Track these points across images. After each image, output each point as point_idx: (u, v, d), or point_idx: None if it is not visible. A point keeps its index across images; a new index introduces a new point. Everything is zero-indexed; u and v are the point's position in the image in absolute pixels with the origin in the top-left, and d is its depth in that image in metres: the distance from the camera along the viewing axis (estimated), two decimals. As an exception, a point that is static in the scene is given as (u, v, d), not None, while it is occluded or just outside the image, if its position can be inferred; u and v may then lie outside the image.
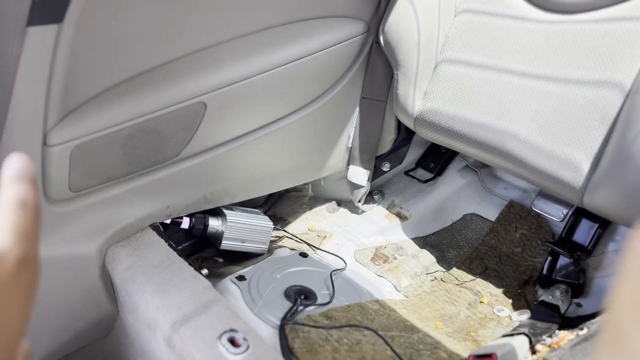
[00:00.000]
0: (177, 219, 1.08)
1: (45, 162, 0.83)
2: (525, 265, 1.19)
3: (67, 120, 0.83)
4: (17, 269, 0.25)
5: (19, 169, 0.27)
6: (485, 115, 1.09)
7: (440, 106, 1.16)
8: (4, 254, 0.25)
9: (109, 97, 0.87)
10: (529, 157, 1.03)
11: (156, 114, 0.91)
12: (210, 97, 0.98)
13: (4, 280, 0.24)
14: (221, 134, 1.06)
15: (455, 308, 1.09)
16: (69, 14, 0.74)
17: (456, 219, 1.34)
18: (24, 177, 0.27)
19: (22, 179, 0.27)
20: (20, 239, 0.25)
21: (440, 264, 1.25)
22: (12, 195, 0.26)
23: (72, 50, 0.77)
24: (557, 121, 1.00)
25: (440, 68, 1.18)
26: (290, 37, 1.07)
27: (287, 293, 0.99)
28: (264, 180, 1.21)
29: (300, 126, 1.18)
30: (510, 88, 1.07)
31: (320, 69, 1.15)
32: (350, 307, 0.97)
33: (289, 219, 1.35)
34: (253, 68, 1.03)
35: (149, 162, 0.96)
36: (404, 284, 1.17)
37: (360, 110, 1.29)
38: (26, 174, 0.27)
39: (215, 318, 0.82)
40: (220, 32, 0.97)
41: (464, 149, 1.15)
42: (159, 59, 0.91)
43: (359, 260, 1.22)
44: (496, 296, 1.14)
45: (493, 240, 1.25)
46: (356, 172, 1.34)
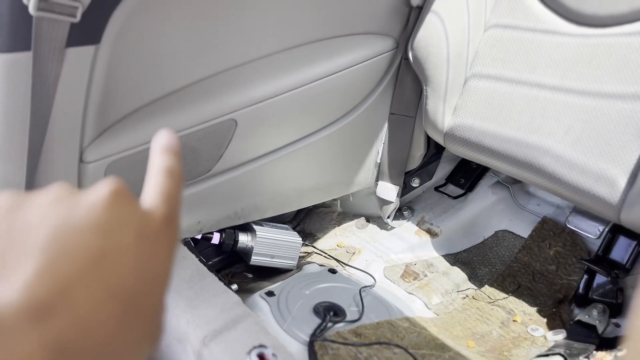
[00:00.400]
0: (208, 234, 1.09)
1: (82, 178, 0.85)
2: (560, 283, 1.16)
3: (103, 137, 0.86)
4: (164, 223, 0.28)
5: (167, 142, 0.31)
6: (516, 130, 1.07)
7: (470, 121, 1.15)
8: (154, 211, 0.28)
9: (142, 115, 0.89)
10: (562, 172, 1.01)
11: (188, 131, 0.93)
12: (240, 114, 0.99)
13: (155, 232, 0.28)
14: (251, 150, 1.07)
15: (487, 327, 1.07)
16: (106, 35, 0.77)
17: (488, 236, 1.32)
18: (171, 149, 0.31)
19: (170, 150, 0.31)
20: (166, 200, 0.29)
21: (471, 282, 1.23)
22: (161, 162, 0.30)
23: (108, 70, 0.80)
24: (591, 136, 0.98)
25: (470, 83, 1.17)
26: (319, 54, 1.08)
27: (316, 309, 0.98)
28: (293, 196, 1.22)
29: (329, 142, 1.19)
30: (542, 102, 1.05)
31: (349, 86, 1.16)
32: (380, 325, 0.96)
33: (317, 234, 1.35)
34: (283, 85, 1.04)
35: (181, 178, 0.98)
36: (434, 301, 1.15)
37: (389, 126, 1.29)
38: (173, 147, 0.31)
39: (244, 333, 0.82)
40: (251, 51, 0.98)
41: (495, 165, 1.14)
42: (191, 78, 0.93)
43: (388, 277, 1.21)
44: (530, 315, 1.11)
45: (526, 258, 1.22)
46: (385, 188, 1.33)
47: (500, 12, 1.17)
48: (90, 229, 0.25)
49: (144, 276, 0.26)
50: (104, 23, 0.75)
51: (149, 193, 0.29)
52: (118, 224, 0.26)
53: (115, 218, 0.26)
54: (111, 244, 0.26)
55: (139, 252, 0.27)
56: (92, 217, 0.26)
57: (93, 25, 0.74)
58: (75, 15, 0.70)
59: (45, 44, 0.71)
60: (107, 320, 0.24)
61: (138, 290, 0.26)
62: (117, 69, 0.81)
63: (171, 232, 0.29)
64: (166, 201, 0.29)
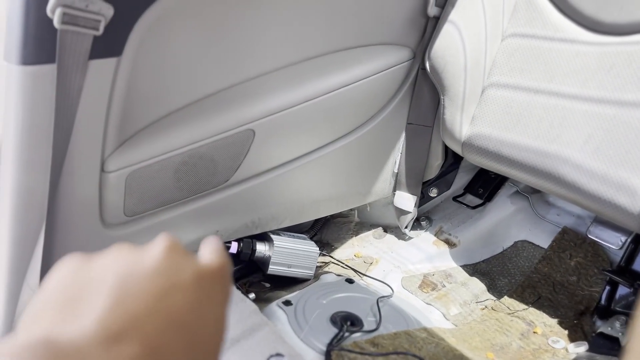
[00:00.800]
0: (226, 244, 1.10)
1: (103, 187, 0.87)
2: (581, 294, 1.14)
3: (124, 147, 0.87)
4: (219, 272, 0.32)
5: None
6: (535, 139, 1.06)
7: (488, 131, 1.14)
8: (209, 262, 0.33)
9: (162, 126, 0.90)
10: (582, 182, 1.00)
11: (207, 141, 0.95)
12: (258, 125, 1.00)
13: (211, 278, 0.31)
14: (269, 160, 1.08)
15: (507, 338, 1.05)
16: (127, 47, 0.78)
17: (507, 246, 1.30)
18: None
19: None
20: (219, 255, 0.34)
21: (490, 292, 1.21)
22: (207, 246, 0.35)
23: (129, 81, 0.82)
24: (611, 144, 0.97)
25: (487, 92, 1.16)
26: (337, 65, 1.09)
27: (333, 319, 0.98)
28: (310, 206, 1.22)
29: (346, 152, 1.19)
30: (561, 111, 1.04)
31: (367, 96, 1.17)
32: (398, 335, 0.96)
33: (335, 244, 1.35)
34: (300, 96, 1.05)
35: (200, 188, 0.99)
36: (453, 312, 1.14)
37: (407, 136, 1.29)
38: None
39: (261, 342, 0.82)
40: (269, 62, 1.00)
41: (513, 174, 1.13)
42: (209, 89, 0.94)
43: (406, 287, 1.21)
44: (551, 327, 1.09)
45: (546, 269, 1.21)
46: (403, 198, 1.33)
47: (517, 22, 1.17)
48: (153, 273, 0.29)
49: (204, 315, 0.30)
50: (125, 36, 0.77)
51: (204, 251, 0.34)
52: (177, 268, 0.30)
53: (175, 263, 0.31)
54: (172, 283, 0.29)
55: (198, 292, 0.30)
56: (154, 263, 0.30)
57: (115, 38, 0.76)
58: (98, 28, 0.72)
59: (69, 57, 0.73)
60: (174, 349, 0.28)
61: (200, 325, 0.29)
62: (138, 80, 0.83)
63: (225, 281, 0.33)
64: (219, 256, 0.33)
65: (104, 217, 0.90)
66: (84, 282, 0.29)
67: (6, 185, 0.78)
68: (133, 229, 0.95)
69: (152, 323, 0.27)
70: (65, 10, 0.67)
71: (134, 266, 0.30)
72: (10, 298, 0.84)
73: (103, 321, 0.26)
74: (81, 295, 0.28)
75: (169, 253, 0.31)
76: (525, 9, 1.16)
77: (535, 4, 1.14)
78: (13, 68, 0.71)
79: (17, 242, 0.81)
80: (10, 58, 0.71)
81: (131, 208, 0.92)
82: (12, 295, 0.84)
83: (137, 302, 0.28)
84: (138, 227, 0.95)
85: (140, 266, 0.30)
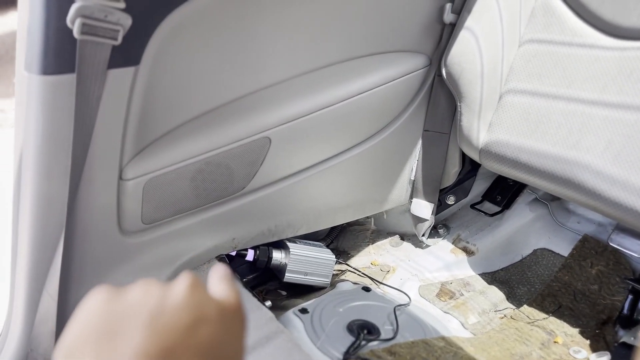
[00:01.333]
0: (242, 251, 1.10)
1: (121, 195, 0.88)
2: (603, 303, 1.12)
3: (141, 155, 0.88)
4: (237, 307, 0.35)
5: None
6: (554, 145, 1.05)
7: (506, 137, 1.13)
8: (228, 298, 0.35)
9: (179, 134, 0.91)
10: (603, 188, 0.98)
11: (223, 149, 0.95)
12: (274, 132, 1.01)
13: (232, 312, 0.35)
14: (285, 168, 1.08)
15: (527, 348, 1.04)
16: (145, 56, 0.79)
17: (526, 254, 1.29)
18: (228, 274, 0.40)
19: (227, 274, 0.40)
20: (234, 293, 0.37)
21: (509, 301, 1.20)
22: (217, 275, 0.39)
23: (147, 90, 0.83)
24: (632, 150, 0.95)
25: (505, 99, 1.15)
26: (353, 72, 1.09)
27: (349, 327, 0.97)
28: (327, 213, 1.22)
29: (362, 159, 1.19)
30: (580, 117, 1.03)
31: (383, 103, 1.16)
32: (415, 344, 0.94)
33: (351, 252, 1.35)
34: (316, 103, 1.05)
35: (217, 196, 1.00)
36: (471, 321, 1.12)
37: (423, 143, 1.28)
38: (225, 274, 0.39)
39: (278, 350, 0.82)
40: (285, 70, 1.00)
41: (532, 181, 1.11)
42: (226, 97, 0.95)
43: (423, 295, 1.19)
44: (572, 336, 1.07)
45: (567, 277, 1.19)
46: (420, 206, 1.32)
47: (535, 27, 1.16)
48: (181, 307, 0.32)
49: (227, 346, 0.32)
50: (143, 45, 0.78)
51: (214, 282, 0.37)
52: (202, 302, 0.33)
53: (199, 298, 0.33)
54: (199, 318, 0.32)
55: (221, 325, 0.33)
56: (181, 299, 0.33)
57: (133, 48, 0.77)
58: (116, 38, 0.73)
59: (88, 66, 0.74)
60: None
61: (224, 357, 0.32)
62: (155, 89, 0.84)
63: (242, 317, 0.36)
64: (235, 294, 0.36)
65: (122, 224, 0.91)
66: (117, 316, 0.31)
67: (26, 193, 0.79)
68: (151, 237, 0.95)
69: (187, 353, 0.30)
70: (84, 20, 0.68)
71: (164, 300, 0.32)
72: (30, 306, 0.85)
73: (141, 353, 0.29)
74: (116, 329, 0.30)
75: (192, 288, 0.34)
76: (542, 15, 1.15)
77: (552, 9, 1.13)
78: (34, 78, 0.72)
79: (36, 249, 0.82)
80: (31, 68, 0.72)
81: (149, 216, 0.93)
82: (31, 303, 0.84)
83: (170, 336, 0.30)
84: (156, 234, 0.96)
85: (169, 300, 0.32)
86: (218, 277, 0.38)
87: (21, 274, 0.84)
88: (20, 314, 0.86)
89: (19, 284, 0.85)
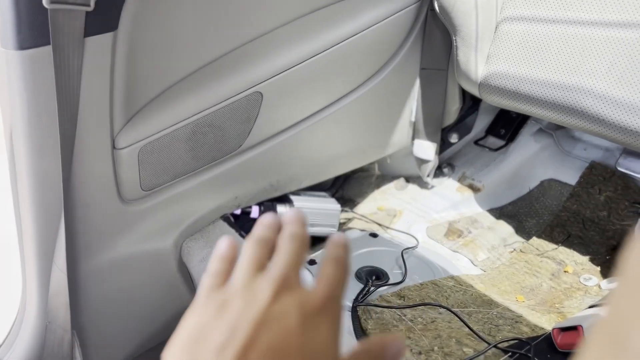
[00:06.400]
0: (247, 209, 1.10)
1: (117, 164, 0.87)
2: (612, 229, 1.11)
3: (132, 122, 0.87)
4: (324, 302, 0.34)
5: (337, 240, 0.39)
6: (554, 72, 1.01)
7: (505, 68, 1.09)
8: (315, 291, 0.35)
9: (168, 97, 0.89)
10: (608, 113, 0.95)
11: (214, 109, 0.93)
12: (265, 86, 0.98)
13: (316, 310, 0.34)
14: (281, 122, 1.06)
15: (537, 279, 1.04)
16: (123, 20, 0.77)
17: (533, 186, 1.27)
18: (342, 245, 0.38)
19: (340, 244, 0.38)
20: (327, 282, 0.35)
21: (518, 235, 1.19)
22: (330, 253, 0.38)
23: (129, 55, 0.80)
24: (637, 70, 0.91)
25: (501, 28, 1.11)
26: (341, 14, 1.05)
27: (358, 274, 0.98)
28: (329, 164, 1.21)
29: (359, 105, 1.17)
30: (580, 40, 0.99)
31: (376, 44, 1.13)
32: (424, 285, 0.95)
33: (357, 200, 1.35)
34: (306, 51, 1.02)
35: (214, 156, 0.99)
36: (480, 258, 1.13)
37: (421, 82, 1.25)
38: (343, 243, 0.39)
39: (287, 303, 0.83)
40: (271, 19, 0.96)
41: (535, 112, 1.08)
42: (213, 54, 0.92)
43: (431, 236, 1.19)
44: (582, 264, 1.07)
45: (575, 206, 1.18)
46: (422, 147, 1.30)
47: (529, -52, 1.09)
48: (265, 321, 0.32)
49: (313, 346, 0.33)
50: (119, 8, 0.75)
51: (316, 279, 0.36)
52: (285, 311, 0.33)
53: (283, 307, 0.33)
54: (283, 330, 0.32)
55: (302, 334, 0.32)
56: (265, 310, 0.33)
57: (108, 12, 0.74)
58: (88, 3, 0.70)
59: (63, 36, 0.71)
60: None
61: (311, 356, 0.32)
62: (138, 53, 0.82)
63: (332, 309, 0.35)
64: (327, 283, 0.35)
65: (121, 193, 0.91)
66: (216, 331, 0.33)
67: (22, 171, 0.79)
68: (152, 203, 0.95)
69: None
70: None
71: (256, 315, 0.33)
72: (42, 281, 0.86)
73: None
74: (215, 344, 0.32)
75: (277, 296, 0.34)
76: None
77: None
78: (10, 54, 0.70)
79: (39, 225, 0.82)
80: (6, 44, 0.70)
81: (147, 182, 0.92)
82: (43, 277, 0.86)
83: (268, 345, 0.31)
84: (157, 200, 0.96)
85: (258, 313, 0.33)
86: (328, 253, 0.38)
87: (29, 251, 0.85)
88: (34, 289, 0.88)
89: (28, 261, 0.86)
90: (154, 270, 1.00)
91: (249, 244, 0.39)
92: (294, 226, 0.39)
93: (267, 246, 0.39)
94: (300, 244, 0.38)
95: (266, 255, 0.38)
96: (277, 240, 0.39)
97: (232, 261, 0.40)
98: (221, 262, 0.39)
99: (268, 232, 0.40)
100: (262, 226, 0.40)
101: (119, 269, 0.95)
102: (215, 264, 0.40)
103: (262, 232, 0.40)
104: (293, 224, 0.39)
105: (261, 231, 0.40)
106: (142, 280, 0.99)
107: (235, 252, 0.40)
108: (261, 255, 0.38)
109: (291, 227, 0.39)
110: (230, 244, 0.40)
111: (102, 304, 0.96)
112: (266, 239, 0.39)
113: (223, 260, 0.40)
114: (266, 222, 0.40)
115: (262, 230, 0.40)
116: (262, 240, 0.39)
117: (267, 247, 0.39)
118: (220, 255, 0.40)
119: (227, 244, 0.40)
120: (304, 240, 0.38)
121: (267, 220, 0.40)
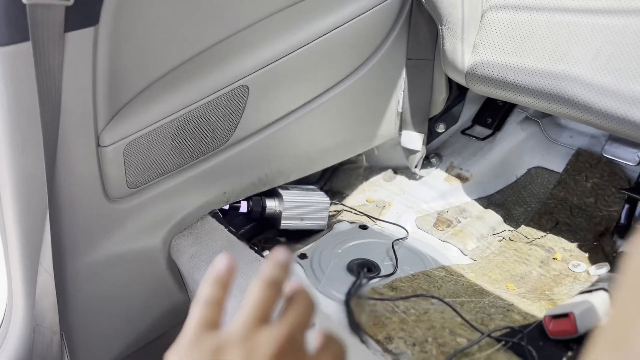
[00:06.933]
0: (235, 204, 1.09)
1: (102, 162, 0.86)
2: (599, 215, 1.12)
3: (117, 119, 0.85)
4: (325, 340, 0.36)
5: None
6: (540, 61, 1.02)
7: (491, 57, 1.09)
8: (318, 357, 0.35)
9: (152, 92, 0.88)
10: (594, 100, 0.95)
11: (200, 103, 0.92)
12: (251, 79, 0.97)
13: None
14: (268, 115, 1.05)
15: (526, 267, 1.05)
16: (103, 14, 0.75)
17: (520, 175, 1.28)
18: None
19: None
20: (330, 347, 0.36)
21: (507, 223, 1.20)
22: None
23: (111, 50, 0.79)
24: (622, 58, 0.92)
25: (487, 16, 1.11)
26: (326, 5, 1.04)
27: (349, 267, 0.98)
28: (316, 156, 1.20)
29: (346, 97, 1.16)
30: (566, 28, 0.99)
31: (361, 35, 1.12)
32: (415, 276, 0.95)
33: (345, 192, 1.34)
34: (291, 43, 1.01)
35: (200, 152, 0.97)
36: (470, 247, 1.13)
37: (407, 73, 1.25)
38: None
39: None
40: (255, 11, 0.95)
41: (521, 100, 1.09)
42: (197, 48, 0.91)
43: (421, 227, 1.19)
44: (570, 251, 1.08)
45: (562, 193, 1.18)
46: (410, 137, 1.30)
47: (513, -64, 1.09)
48: None
49: None
50: (99, 2, 0.73)
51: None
52: None
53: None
54: None
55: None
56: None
57: (89, 6, 0.72)
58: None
59: (43, 32, 0.69)
60: None
61: None
62: (120, 48, 0.80)
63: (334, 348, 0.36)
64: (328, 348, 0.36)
65: (107, 191, 0.89)
66: None
67: (4, 171, 0.77)
68: (139, 200, 0.94)
69: None
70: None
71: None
72: (29, 283, 0.84)
73: None
74: None
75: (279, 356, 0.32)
76: None
77: None
78: (-11, 51, 0.68)
79: (24, 227, 0.80)
80: (-16, 41, 0.68)
81: (134, 180, 0.91)
82: (30, 279, 0.84)
83: None
84: (144, 197, 0.94)
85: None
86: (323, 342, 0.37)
87: (14, 253, 0.83)
88: (20, 292, 0.86)
89: (13, 263, 0.84)
90: (143, 269, 0.98)
91: (256, 286, 0.36)
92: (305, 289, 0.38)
93: (276, 290, 0.36)
94: (311, 306, 0.36)
95: (273, 301, 0.36)
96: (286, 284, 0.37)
97: (227, 286, 0.37)
98: (214, 286, 0.37)
99: (279, 273, 0.37)
100: (274, 265, 0.37)
101: (107, 268, 0.94)
102: (208, 288, 0.37)
103: (273, 273, 0.37)
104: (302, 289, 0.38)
105: (272, 272, 0.37)
106: (131, 279, 0.98)
107: (232, 275, 0.38)
108: (268, 301, 0.35)
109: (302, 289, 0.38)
110: (228, 265, 0.37)
111: (91, 305, 0.95)
112: (276, 281, 0.36)
113: (217, 285, 0.37)
114: (278, 260, 0.37)
115: (273, 270, 0.37)
116: (271, 283, 0.36)
117: (275, 291, 0.36)
118: (215, 277, 0.37)
119: (224, 265, 0.37)
120: (313, 303, 0.37)
121: (279, 258, 0.37)
